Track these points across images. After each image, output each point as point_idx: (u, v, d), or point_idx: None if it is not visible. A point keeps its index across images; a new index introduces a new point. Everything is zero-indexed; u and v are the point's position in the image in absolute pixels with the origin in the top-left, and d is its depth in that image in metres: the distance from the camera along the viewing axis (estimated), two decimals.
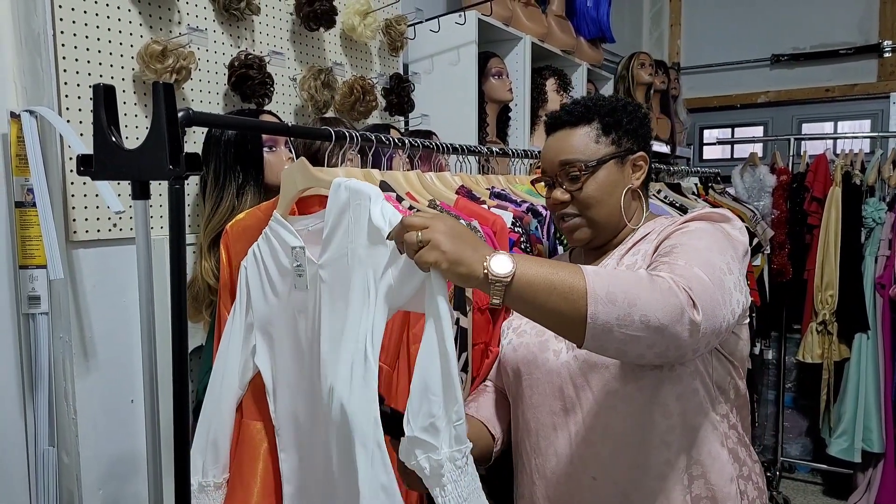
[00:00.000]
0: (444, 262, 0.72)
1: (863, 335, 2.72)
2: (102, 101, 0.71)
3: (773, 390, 3.16)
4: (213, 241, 1.30)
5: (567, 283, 0.73)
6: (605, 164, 0.98)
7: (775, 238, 2.85)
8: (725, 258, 0.84)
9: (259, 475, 0.99)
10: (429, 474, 0.74)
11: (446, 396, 0.74)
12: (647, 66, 3.23)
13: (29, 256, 1.23)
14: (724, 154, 4.15)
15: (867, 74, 3.58)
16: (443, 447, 0.74)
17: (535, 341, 0.99)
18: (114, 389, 1.32)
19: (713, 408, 0.93)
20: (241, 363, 0.98)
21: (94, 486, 1.30)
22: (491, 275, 0.72)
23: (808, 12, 3.68)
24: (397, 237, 0.75)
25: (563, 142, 1.01)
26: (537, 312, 0.75)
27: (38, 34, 1.22)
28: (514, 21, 2.42)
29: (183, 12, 1.46)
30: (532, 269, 0.74)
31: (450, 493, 0.74)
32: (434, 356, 0.75)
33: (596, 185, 0.98)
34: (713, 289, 0.78)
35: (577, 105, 1.02)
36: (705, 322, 0.75)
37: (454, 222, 0.76)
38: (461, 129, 2.17)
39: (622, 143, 1.00)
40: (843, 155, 2.88)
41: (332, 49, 1.86)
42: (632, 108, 1.03)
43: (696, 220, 0.93)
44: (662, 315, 0.73)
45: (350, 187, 0.85)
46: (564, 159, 0.99)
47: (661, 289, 0.74)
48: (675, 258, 0.83)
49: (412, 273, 0.77)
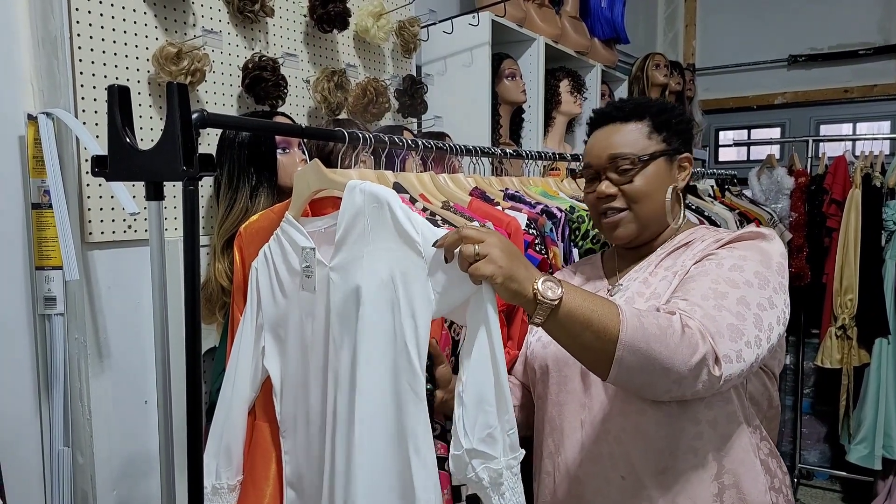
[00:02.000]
0: (500, 276, 0.74)
1: (883, 340, 2.67)
2: (117, 102, 0.71)
3: (792, 396, 3.11)
4: (227, 243, 1.31)
5: (603, 322, 0.76)
6: (656, 159, 1.00)
7: (793, 241, 2.81)
8: (767, 292, 0.85)
9: (272, 477, 0.98)
10: (488, 484, 0.76)
11: (499, 406, 0.76)
12: (661, 67, 3.20)
13: (45, 258, 1.24)
14: (740, 156, 4.10)
15: (887, 75, 3.53)
16: (500, 456, 0.76)
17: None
18: (128, 390, 1.33)
19: (745, 418, 0.93)
20: (252, 365, 0.98)
21: (109, 486, 1.30)
22: (539, 296, 0.74)
23: (826, 12, 3.63)
24: (450, 247, 0.76)
25: (613, 136, 1.01)
26: (570, 341, 0.79)
27: (54, 36, 1.23)
28: (528, 22, 2.41)
29: (198, 14, 1.47)
30: (576, 301, 0.76)
31: (509, 500, 0.76)
32: (487, 367, 0.76)
33: (645, 180, 0.99)
34: (742, 335, 0.81)
35: (627, 102, 1.04)
36: (727, 372, 0.79)
37: (508, 240, 0.78)
38: (474, 130, 2.16)
39: (672, 142, 1.01)
40: (863, 156, 2.83)
41: (345, 51, 1.86)
42: (679, 111, 1.05)
43: (736, 243, 0.93)
44: (682, 369, 0.77)
45: (366, 190, 0.84)
46: (615, 153, 1.00)
47: (689, 343, 0.77)
48: (705, 293, 0.84)
49: (460, 285, 0.78)
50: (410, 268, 0.80)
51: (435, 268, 0.79)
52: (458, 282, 0.78)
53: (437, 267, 0.79)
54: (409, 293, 0.80)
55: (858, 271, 2.70)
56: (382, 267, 0.82)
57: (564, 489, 0.97)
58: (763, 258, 0.89)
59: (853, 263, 2.70)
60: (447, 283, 0.79)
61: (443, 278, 0.79)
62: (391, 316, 0.81)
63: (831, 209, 2.81)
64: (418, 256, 0.79)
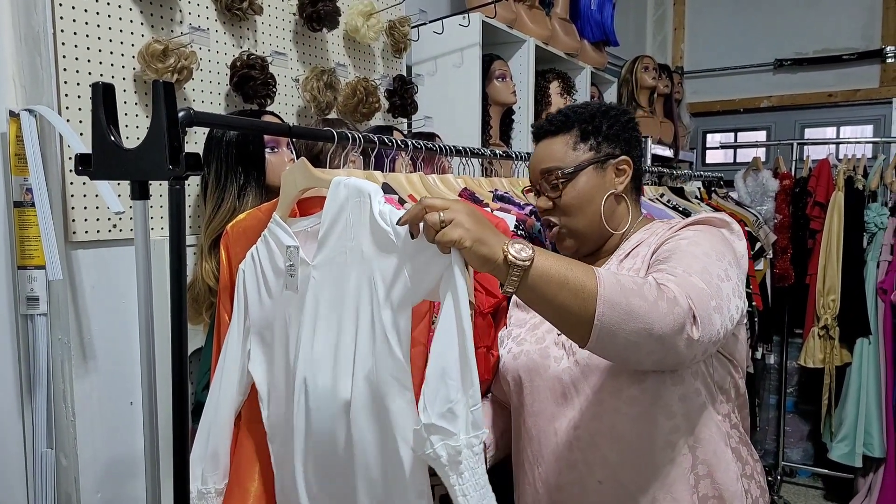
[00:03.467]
0: (469, 239, 0.71)
1: (864, 340, 2.71)
2: (102, 99, 0.70)
3: (775, 395, 3.15)
4: (214, 243, 1.29)
5: (580, 280, 0.74)
6: (584, 170, 0.99)
7: (778, 242, 2.85)
8: (723, 264, 0.85)
9: (257, 477, 0.97)
10: (446, 462, 0.71)
11: (464, 380, 0.71)
12: (650, 69, 3.22)
13: (27, 257, 1.22)
14: (726, 158, 4.14)
15: (870, 80, 3.58)
16: (461, 433, 0.71)
17: (534, 349, 0.98)
18: (113, 391, 1.31)
19: (715, 408, 0.93)
20: (239, 370, 0.97)
21: (93, 488, 1.28)
22: (510, 258, 0.71)
23: (812, 17, 3.67)
24: (414, 219, 0.73)
25: (544, 151, 1.02)
26: (546, 305, 0.75)
27: (37, 32, 1.21)
28: (518, 23, 2.41)
29: (185, 12, 1.45)
30: (549, 261, 0.74)
31: (467, 481, 0.71)
32: (452, 338, 0.72)
33: (575, 193, 0.99)
34: (711, 299, 0.79)
35: (558, 114, 1.03)
36: (703, 335, 0.77)
37: (472, 206, 0.75)
38: (464, 131, 2.16)
39: (601, 149, 1.00)
40: (846, 160, 2.87)
41: (335, 50, 1.85)
42: (614, 113, 1.02)
43: (696, 225, 0.94)
44: (664, 326, 0.74)
45: (350, 185, 0.83)
46: (545, 167, 1.01)
47: (667, 298, 0.75)
48: (673, 265, 0.84)
49: (432, 261, 0.74)
50: (385, 258, 0.78)
51: (406, 251, 0.76)
52: (430, 258, 0.74)
53: (408, 249, 0.76)
54: (387, 283, 0.78)
55: (841, 272, 2.74)
56: (361, 262, 0.81)
57: (546, 499, 0.97)
58: (716, 237, 0.91)
59: (836, 265, 2.74)
60: (420, 263, 0.76)
61: (415, 259, 0.76)
62: (370, 308, 0.79)
63: (815, 211, 2.84)
64: (392, 245, 0.78)
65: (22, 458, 1.25)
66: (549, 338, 0.98)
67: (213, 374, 1.01)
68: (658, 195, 2.02)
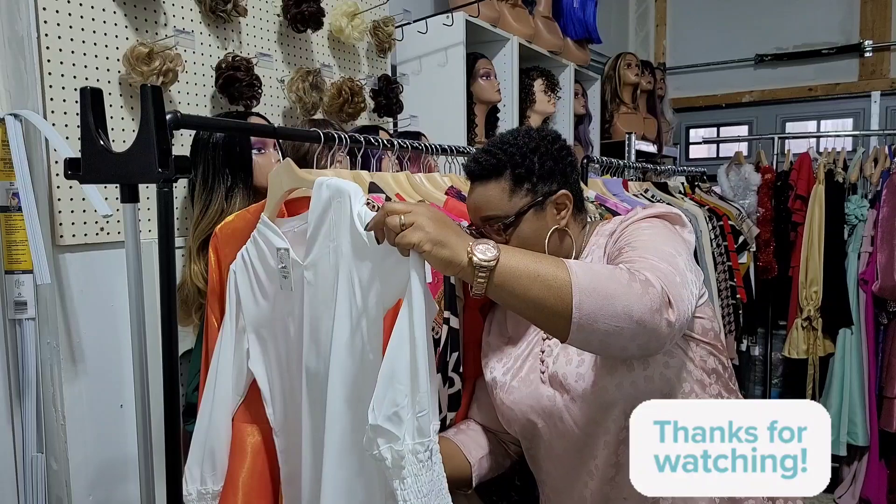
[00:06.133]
0: (427, 242, 0.70)
1: (847, 330, 2.76)
2: (90, 104, 0.71)
3: (760, 386, 3.20)
4: (202, 244, 1.30)
5: (551, 272, 0.73)
6: (524, 215, 0.95)
7: (760, 236, 2.89)
8: (673, 243, 0.87)
9: (247, 470, 0.97)
10: (390, 465, 0.73)
11: (412, 386, 0.72)
12: (633, 66, 3.25)
13: (15, 261, 1.22)
14: (709, 153, 4.19)
15: (849, 74, 3.64)
16: (405, 438, 0.72)
17: (525, 393, 0.97)
18: (102, 395, 1.31)
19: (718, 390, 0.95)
20: (234, 369, 0.97)
21: (84, 492, 1.28)
22: (475, 259, 0.71)
23: (791, 13, 3.73)
24: (377, 224, 0.74)
25: (480, 196, 0.97)
26: (521, 302, 0.74)
27: (21, 37, 1.21)
28: (502, 22, 2.43)
29: (169, 14, 1.45)
30: (516, 258, 0.74)
31: (409, 487, 0.72)
32: (403, 344, 0.73)
33: (519, 238, 0.95)
34: (675, 275, 0.80)
35: (488, 156, 0.97)
36: (679, 314, 0.77)
37: (437, 210, 0.75)
38: (450, 130, 2.17)
39: (537, 190, 0.96)
40: (826, 153, 2.92)
41: (319, 51, 1.86)
42: (544, 148, 0.97)
43: (648, 220, 0.95)
44: (643, 307, 0.74)
45: (332, 185, 0.85)
46: (484, 215, 0.97)
47: (640, 280, 0.76)
48: (632, 254, 0.85)
49: (398, 266, 0.75)
50: (361, 260, 0.80)
51: (377, 254, 0.77)
52: (396, 263, 0.75)
53: (378, 252, 0.77)
54: (363, 285, 0.80)
55: (823, 264, 2.78)
56: (343, 263, 0.82)
57: None
58: (658, 225, 0.92)
59: (818, 257, 2.79)
60: (388, 266, 0.76)
61: (383, 263, 0.77)
62: (349, 309, 0.80)
63: (796, 204, 2.89)
64: (365, 247, 0.79)
65: (12, 462, 1.24)
66: (534, 377, 0.97)
67: (202, 376, 1.01)
68: (642, 191, 2.05)
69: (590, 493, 0.95)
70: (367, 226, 0.76)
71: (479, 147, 1.08)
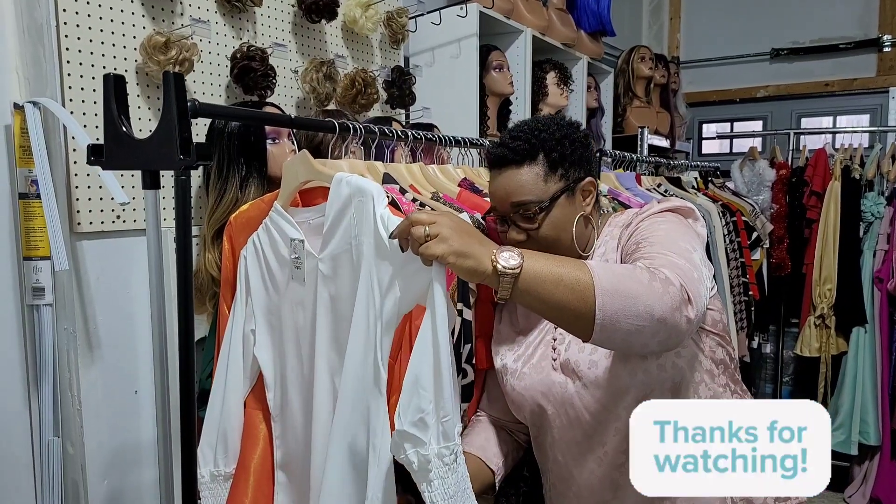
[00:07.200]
0: (451, 254, 0.73)
1: (860, 329, 2.74)
2: (113, 90, 0.71)
3: (771, 384, 3.18)
4: (217, 233, 1.31)
5: (573, 275, 0.75)
6: (557, 200, 0.96)
7: (774, 232, 2.86)
8: (689, 238, 0.89)
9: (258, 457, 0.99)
10: (416, 469, 0.75)
11: (436, 392, 0.75)
12: (647, 59, 3.22)
13: (33, 248, 1.23)
14: (723, 148, 4.15)
15: (866, 69, 3.58)
16: (431, 443, 0.75)
17: (536, 380, 0.98)
18: (118, 380, 1.33)
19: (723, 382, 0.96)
20: (245, 355, 0.99)
21: (99, 476, 1.30)
22: (499, 267, 0.73)
23: (808, 6, 3.67)
24: (402, 234, 0.76)
25: (511, 181, 0.97)
26: (545, 305, 0.76)
27: (40, 24, 1.22)
28: (515, 14, 2.41)
29: (185, 4, 1.46)
30: (539, 263, 0.75)
31: (436, 489, 0.75)
32: (427, 350, 0.75)
33: (552, 223, 0.97)
34: (693, 271, 0.82)
35: (519, 141, 0.97)
36: (697, 310, 0.79)
37: (461, 219, 0.77)
38: (462, 122, 2.17)
39: (570, 176, 0.98)
40: (843, 149, 2.88)
41: (333, 41, 1.86)
42: (574, 136, 0.99)
43: (663, 214, 0.96)
44: (664, 306, 0.76)
45: (352, 183, 0.85)
46: (516, 201, 0.96)
47: (660, 279, 0.78)
48: (650, 250, 0.86)
49: (417, 278, 0.78)
50: (382, 262, 0.81)
51: (398, 259, 0.79)
52: (418, 270, 0.77)
53: (399, 260, 0.79)
54: (382, 287, 0.81)
55: (837, 262, 2.75)
56: (363, 261, 0.83)
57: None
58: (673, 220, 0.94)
59: (832, 254, 2.76)
60: (409, 272, 0.79)
61: (405, 268, 0.79)
62: (366, 308, 0.82)
63: (811, 201, 2.86)
64: (387, 250, 0.80)
65: (29, 446, 1.26)
66: (545, 364, 0.99)
67: (216, 364, 1.02)
68: (655, 185, 2.04)
69: (597, 479, 0.96)
70: (392, 234, 0.77)
71: (493, 139, 1.08)
